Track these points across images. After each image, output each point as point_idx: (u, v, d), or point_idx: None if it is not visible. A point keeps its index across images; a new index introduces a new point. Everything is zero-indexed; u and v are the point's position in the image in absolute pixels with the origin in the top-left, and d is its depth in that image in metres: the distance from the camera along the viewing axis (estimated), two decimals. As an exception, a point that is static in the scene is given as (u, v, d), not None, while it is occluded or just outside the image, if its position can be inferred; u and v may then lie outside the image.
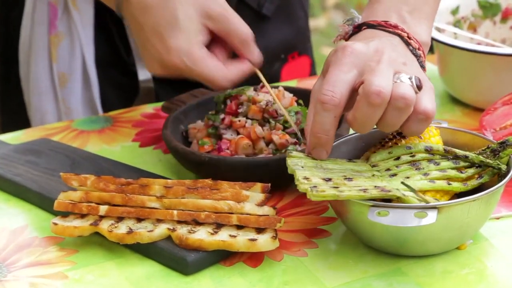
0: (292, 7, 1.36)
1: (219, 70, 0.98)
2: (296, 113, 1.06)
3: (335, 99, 0.86)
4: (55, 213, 0.95)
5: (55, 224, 0.91)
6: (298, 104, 1.09)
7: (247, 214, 0.91)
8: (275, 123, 1.04)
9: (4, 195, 1.03)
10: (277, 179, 0.99)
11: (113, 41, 1.29)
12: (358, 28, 0.96)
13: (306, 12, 1.39)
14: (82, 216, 0.93)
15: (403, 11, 0.95)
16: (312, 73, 1.40)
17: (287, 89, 1.11)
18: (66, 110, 1.29)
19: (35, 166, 1.05)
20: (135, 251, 0.91)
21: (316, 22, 3.67)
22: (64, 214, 0.94)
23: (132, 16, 0.99)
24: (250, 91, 1.07)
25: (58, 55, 1.27)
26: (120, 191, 0.94)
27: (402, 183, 0.86)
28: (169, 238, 0.90)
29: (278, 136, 1.03)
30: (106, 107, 1.30)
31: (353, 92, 0.87)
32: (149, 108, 1.25)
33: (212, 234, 0.89)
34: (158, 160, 1.10)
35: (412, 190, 0.85)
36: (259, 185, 0.95)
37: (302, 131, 1.05)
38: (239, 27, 0.99)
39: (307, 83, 1.29)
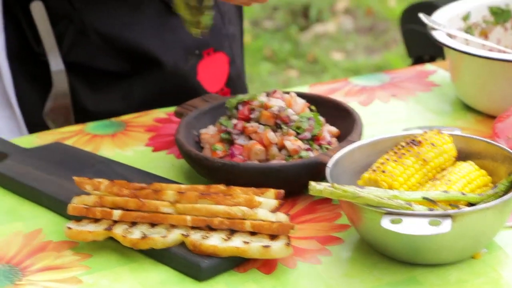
0: None
1: None
2: (309, 119, 1.06)
3: None
4: (69, 217, 0.96)
5: (69, 228, 0.92)
6: (311, 110, 1.09)
7: (260, 220, 0.91)
8: (288, 129, 1.04)
9: (18, 198, 1.03)
10: (290, 186, 0.99)
11: (23, 31, 1.27)
12: None
13: (220, 12, 1.36)
14: (96, 220, 0.94)
15: None
16: (231, 71, 1.38)
17: (299, 95, 1.11)
18: None
19: (48, 170, 1.05)
20: (148, 256, 0.91)
21: (326, 27, 3.67)
22: (78, 218, 0.94)
23: None
24: (262, 97, 1.07)
25: None
26: (133, 196, 0.95)
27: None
28: (182, 243, 0.90)
29: (290, 142, 1.03)
30: (22, 100, 1.28)
31: None
32: (162, 113, 1.25)
33: (225, 240, 0.89)
34: (171, 165, 1.10)
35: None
36: (272, 191, 0.95)
37: (314, 137, 1.05)
38: None
39: (319, 89, 1.29)
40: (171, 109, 1.25)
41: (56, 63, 1.26)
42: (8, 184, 1.05)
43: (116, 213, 0.93)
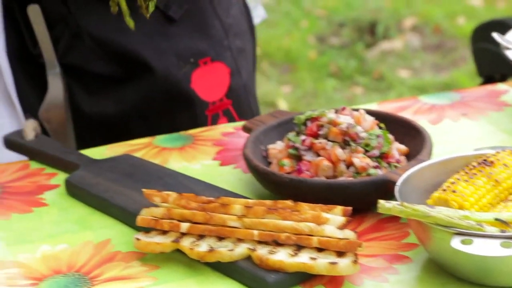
0: (204, 15, 1.34)
1: None
2: (378, 136, 1.05)
3: None
4: (138, 229, 0.97)
5: (138, 239, 0.93)
6: (380, 127, 1.09)
7: (328, 237, 0.91)
8: (356, 146, 1.04)
9: (88, 209, 1.05)
10: (357, 203, 0.98)
11: (22, 32, 1.28)
12: None
13: (223, 24, 1.36)
14: (164, 232, 0.94)
15: None
16: (233, 82, 1.37)
17: (368, 112, 1.11)
18: None
19: (118, 182, 1.07)
20: (215, 269, 0.91)
21: (392, 44, 3.65)
22: (147, 230, 0.95)
23: None
24: (331, 113, 1.07)
25: None
26: (201, 209, 0.95)
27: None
28: (249, 257, 0.90)
29: (359, 159, 1.02)
30: (22, 98, 1.30)
31: None
32: (229, 127, 1.26)
33: (292, 255, 0.89)
34: (238, 179, 1.11)
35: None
36: (339, 208, 0.95)
37: (383, 155, 1.05)
38: None
39: (388, 106, 1.29)
40: (239, 124, 1.26)
41: (51, 65, 1.28)
42: (79, 195, 1.07)
43: (184, 226, 0.93)
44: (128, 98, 1.31)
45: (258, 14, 1.49)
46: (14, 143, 1.21)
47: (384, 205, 0.86)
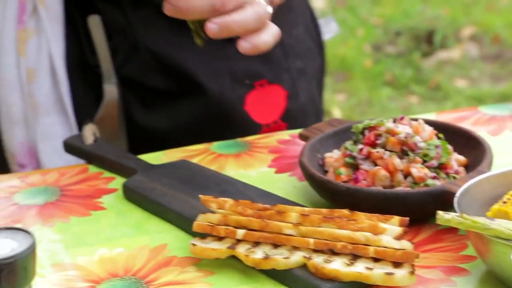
0: None
1: None
2: (436, 147, 1.04)
3: None
4: (194, 234, 0.98)
5: (194, 245, 0.93)
6: (438, 138, 1.07)
7: (384, 247, 0.90)
8: (414, 156, 1.03)
9: (145, 213, 1.06)
10: (414, 213, 0.97)
11: (81, 40, 1.30)
12: None
13: (283, 45, 1.33)
14: (220, 238, 0.95)
15: None
16: (290, 105, 1.35)
17: (427, 122, 1.10)
18: (33, 104, 1.29)
19: (175, 187, 1.08)
20: (270, 276, 0.91)
21: (450, 54, 3.61)
22: (203, 236, 0.95)
23: None
24: (389, 123, 1.06)
25: (26, 51, 1.28)
26: (257, 216, 0.95)
27: None
28: (304, 266, 0.90)
29: (416, 169, 1.01)
30: (78, 106, 1.31)
31: None
32: (285, 135, 1.26)
33: (348, 265, 0.88)
34: (293, 187, 1.11)
35: None
36: (396, 219, 0.94)
37: (441, 166, 1.03)
38: None
39: (446, 117, 1.27)
40: (295, 131, 1.26)
41: (108, 75, 1.29)
42: (136, 199, 1.09)
43: (240, 232, 0.94)
44: (181, 114, 1.32)
45: (331, 29, 1.48)
46: (73, 147, 1.23)
47: (443, 216, 0.85)
